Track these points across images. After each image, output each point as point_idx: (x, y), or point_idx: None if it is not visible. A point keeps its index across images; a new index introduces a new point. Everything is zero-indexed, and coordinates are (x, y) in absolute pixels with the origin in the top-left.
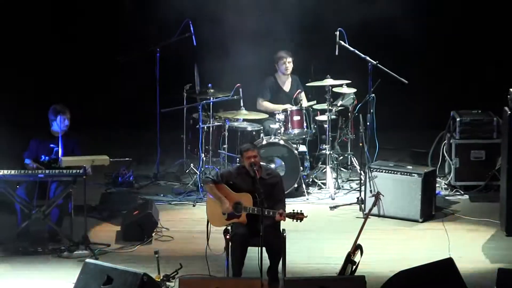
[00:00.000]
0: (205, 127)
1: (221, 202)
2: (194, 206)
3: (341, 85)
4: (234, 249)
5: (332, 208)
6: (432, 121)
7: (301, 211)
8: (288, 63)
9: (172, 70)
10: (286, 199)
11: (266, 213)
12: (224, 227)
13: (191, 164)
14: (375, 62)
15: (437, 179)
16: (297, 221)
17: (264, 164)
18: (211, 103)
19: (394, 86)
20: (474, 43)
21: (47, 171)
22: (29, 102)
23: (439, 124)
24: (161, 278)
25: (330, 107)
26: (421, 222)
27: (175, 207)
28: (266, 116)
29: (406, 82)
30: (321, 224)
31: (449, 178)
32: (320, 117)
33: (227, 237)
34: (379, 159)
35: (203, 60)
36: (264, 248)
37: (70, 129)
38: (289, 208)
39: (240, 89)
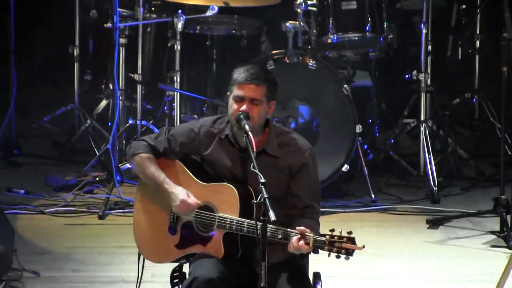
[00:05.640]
0: (128, 31)
1: (168, 193)
2: (101, 217)
3: None
4: None
5: (431, 223)
6: None
7: (349, 233)
8: None
9: None
10: (324, 202)
11: (274, 235)
12: (174, 264)
13: (92, 117)
14: None
15: None
16: (340, 256)
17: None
18: None
19: None
20: None
21: None
22: None
23: None
24: None
25: None
26: None
27: (54, 220)
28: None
29: None
30: (406, 260)
31: None
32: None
33: (178, 286)
34: None
35: None
36: None
37: None
38: (327, 223)
39: None
